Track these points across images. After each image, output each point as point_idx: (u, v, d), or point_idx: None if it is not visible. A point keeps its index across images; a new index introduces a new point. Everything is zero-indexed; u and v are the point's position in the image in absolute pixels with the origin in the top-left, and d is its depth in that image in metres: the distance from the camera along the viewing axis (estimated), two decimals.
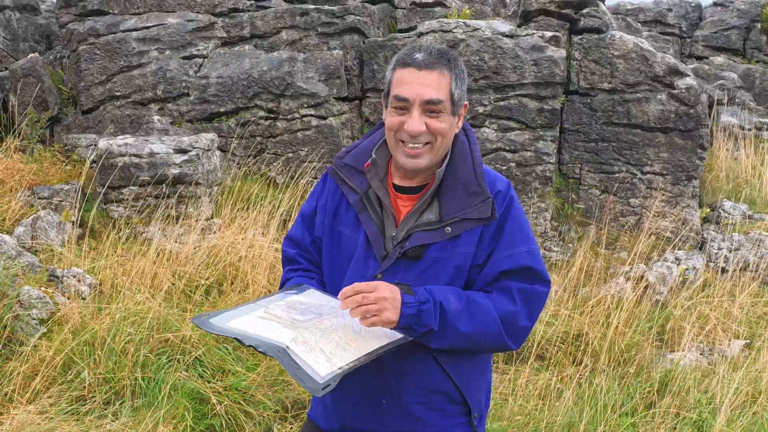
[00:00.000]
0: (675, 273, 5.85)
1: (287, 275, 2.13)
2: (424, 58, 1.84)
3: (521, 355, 4.74)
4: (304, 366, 1.64)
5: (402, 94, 1.84)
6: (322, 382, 1.61)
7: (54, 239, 5.18)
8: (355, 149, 2.05)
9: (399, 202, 1.97)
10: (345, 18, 7.25)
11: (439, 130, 1.86)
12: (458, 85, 1.88)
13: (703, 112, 6.84)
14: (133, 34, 7.09)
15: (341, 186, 2.02)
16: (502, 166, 6.73)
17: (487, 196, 1.89)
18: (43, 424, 3.38)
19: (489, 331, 1.86)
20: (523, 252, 1.90)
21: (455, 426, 2.00)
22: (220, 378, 3.93)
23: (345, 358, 1.70)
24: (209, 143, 6.05)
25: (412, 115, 1.84)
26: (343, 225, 2.00)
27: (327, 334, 1.76)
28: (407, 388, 1.94)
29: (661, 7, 11.72)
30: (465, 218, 1.88)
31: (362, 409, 2.00)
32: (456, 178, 1.92)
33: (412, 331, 1.81)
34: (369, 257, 1.94)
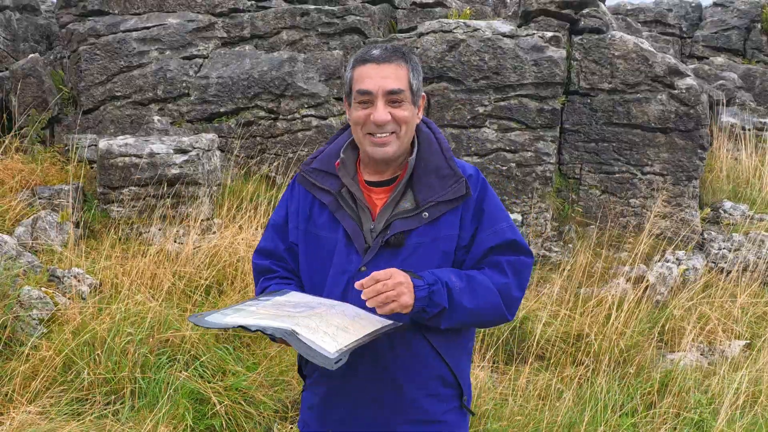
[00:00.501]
0: (675, 273, 5.84)
1: (264, 284, 2.15)
2: (381, 53, 1.97)
3: (521, 355, 4.73)
4: (313, 345, 1.69)
5: (365, 88, 1.94)
6: (334, 357, 1.67)
7: (54, 239, 5.18)
8: (320, 155, 2.13)
9: (373, 196, 2.04)
10: (345, 18, 7.25)
11: (403, 118, 1.96)
12: (415, 76, 1.99)
13: (704, 112, 6.84)
14: (134, 35, 7.09)
15: (312, 190, 2.08)
16: (503, 166, 6.73)
17: (460, 176, 1.99)
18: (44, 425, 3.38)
19: (490, 304, 1.95)
20: (505, 227, 2.02)
21: (449, 411, 2.07)
22: (220, 378, 3.92)
23: (348, 338, 1.76)
24: (209, 143, 6.05)
25: (376, 107, 1.93)
26: (319, 227, 2.06)
27: (325, 319, 1.82)
28: (407, 375, 2.00)
29: (662, 7, 11.72)
30: (440, 201, 1.97)
31: (361, 405, 2.02)
32: (426, 165, 2.01)
33: (424, 313, 1.87)
34: (350, 252, 1.99)
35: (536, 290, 5.54)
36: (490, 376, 4.41)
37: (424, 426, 2.04)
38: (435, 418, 2.04)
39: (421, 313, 1.87)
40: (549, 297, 5.32)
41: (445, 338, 2.01)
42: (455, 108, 6.82)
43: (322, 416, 2.11)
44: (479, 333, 4.84)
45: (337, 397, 2.06)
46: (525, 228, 6.61)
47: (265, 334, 1.75)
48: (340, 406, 2.06)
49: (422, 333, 1.98)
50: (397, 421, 2.02)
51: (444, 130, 6.85)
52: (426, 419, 2.04)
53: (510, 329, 4.87)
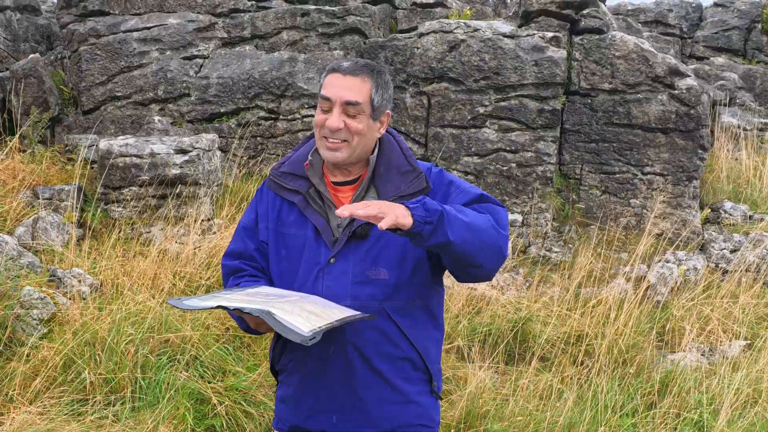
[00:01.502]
0: (676, 273, 5.85)
1: (234, 281, 2.23)
2: (350, 65, 2.10)
3: (522, 355, 4.74)
4: (289, 325, 1.76)
5: (326, 94, 2.08)
6: (308, 335, 1.74)
7: (55, 239, 5.18)
8: (288, 160, 2.25)
9: (339, 195, 2.16)
10: (346, 18, 7.25)
11: (355, 129, 2.07)
12: (379, 93, 2.10)
13: (704, 112, 6.84)
14: (134, 35, 7.09)
15: (280, 192, 2.20)
16: (503, 167, 6.73)
17: (419, 172, 2.14)
18: (44, 425, 3.38)
19: (482, 223, 1.98)
20: (468, 187, 2.15)
21: (421, 393, 2.16)
22: (221, 378, 3.93)
23: (320, 322, 1.83)
24: (210, 143, 6.05)
25: (333, 114, 2.06)
26: (287, 225, 2.17)
27: (298, 305, 1.90)
28: (379, 355, 2.08)
29: (662, 7, 11.71)
30: (402, 195, 2.08)
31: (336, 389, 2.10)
32: (388, 164, 2.15)
33: (428, 225, 1.84)
34: (320, 245, 2.11)
35: (537, 290, 5.54)
36: (491, 377, 4.42)
37: (400, 406, 2.12)
38: (409, 398, 2.13)
39: (425, 225, 1.83)
40: (550, 297, 5.32)
41: (413, 321, 2.11)
42: (455, 108, 6.82)
43: (296, 406, 2.17)
44: (480, 332, 4.84)
45: (310, 383, 2.12)
46: (525, 228, 6.61)
47: (243, 313, 1.82)
48: (314, 393, 2.12)
49: (389, 316, 2.08)
50: (370, 401, 2.09)
51: (444, 131, 6.86)
52: (401, 400, 2.12)
53: (511, 329, 4.87)
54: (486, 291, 5.49)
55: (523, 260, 6.28)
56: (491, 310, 5.15)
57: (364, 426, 2.11)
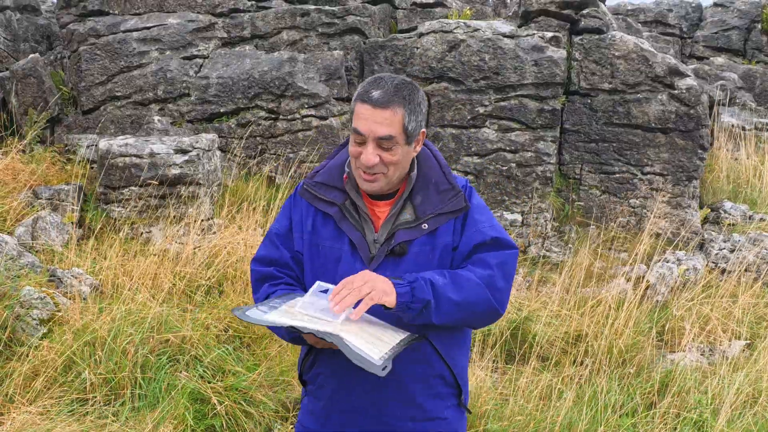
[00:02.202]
0: (675, 273, 5.85)
1: (269, 289, 2.18)
2: (380, 96, 2.01)
3: (522, 355, 4.74)
4: (360, 352, 1.76)
5: (359, 129, 2.02)
6: (380, 364, 1.74)
7: (55, 239, 5.18)
8: (323, 169, 2.22)
9: (376, 209, 2.14)
10: (345, 18, 7.25)
11: (391, 161, 2.04)
12: (412, 119, 2.04)
13: (704, 112, 6.84)
14: (134, 35, 7.09)
15: (314, 203, 2.16)
16: (503, 167, 6.74)
17: (458, 190, 2.12)
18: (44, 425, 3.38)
19: (478, 295, 2.01)
20: (487, 226, 2.12)
21: (448, 407, 2.15)
22: (221, 378, 3.93)
23: (386, 347, 1.84)
24: (210, 143, 6.05)
25: (367, 149, 2.02)
26: (323, 238, 2.14)
27: (357, 325, 1.89)
28: (410, 374, 2.08)
29: (662, 7, 11.71)
30: (440, 213, 2.08)
31: (363, 405, 2.08)
32: (426, 181, 2.13)
33: (411, 310, 1.94)
34: (356, 261, 2.08)
35: (536, 290, 5.54)
36: (490, 377, 4.42)
37: (426, 423, 2.12)
38: (435, 415, 2.12)
39: (407, 310, 1.93)
40: (549, 297, 5.32)
41: (445, 338, 2.10)
42: (455, 108, 6.82)
43: (324, 422, 2.16)
44: (479, 332, 4.84)
45: (340, 400, 2.11)
46: (525, 228, 6.61)
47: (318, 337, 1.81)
48: (343, 408, 2.11)
49: (425, 336, 2.05)
50: (399, 418, 2.09)
51: (444, 131, 6.86)
52: (427, 417, 2.11)
53: (510, 329, 4.87)
54: None
55: (523, 260, 6.29)
56: None
57: None
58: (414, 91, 2.06)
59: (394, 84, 2.04)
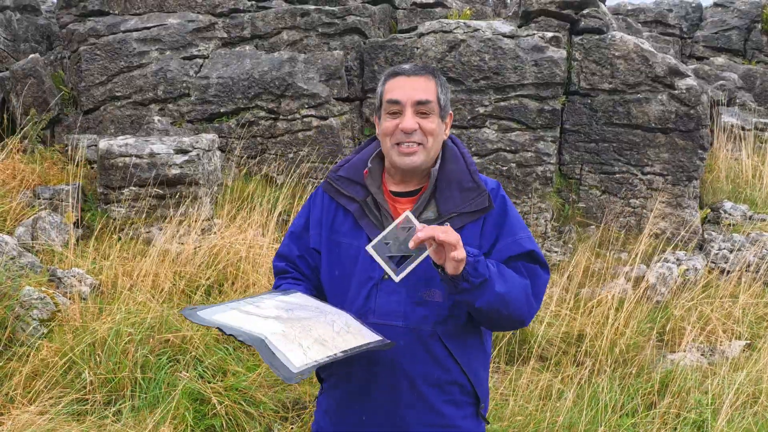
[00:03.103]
0: (675, 273, 5.85)
1: (278, 282, 2.23)
2: (411, 67, 2.06)
3: (522, 355, 4.74)
4: (280, 356, 1.70)
5: (395, 97, 2.01)
6: (296, 372, 1.67)
7: (55, 239, 5.18)
8: (347, 163, 2.19)
9: (397, 206, 2.09)
10: (345, 18, 7.25)
11: (430, 129, 2.02)
12: (443, 92, 2.07)
13: (704, 112, 6.84)
14: (134, 35, 7.09)
15: (337, 197, 2.13)
16: (503, 167, 6.73)
17: (483, 189, 2.06)
18: (44, 425, 3.38)
19: (518, 295, 1.97)
20: (524, 237, 2.07)
21: (466, 417, 2.09)
22: (221, 378, 3.93)
23: (321, 353, 1.76)
24: (210, 143, 6.05)
25: (405, 115, 2.00)
26: (341, 234, 2.11)
27: (307, 330, 1.82)
28: (427, 381, 2.03)
29: (662, 7, 11.71)
30: (463, 212, 2.02)
31: (378, 409, 2.05)
32: (450, 178, 2.07)
33: (466, 282, 1.86)
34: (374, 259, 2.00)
35: None
36: (490, 377, 4.42)
37: (440, 429, 2.06)
38: (451, 423, 2.07)
39: (463, 282, 1.85)
40: (549, 297, 5.32)
41: (464, 346, 2.06)
42: (455, 108, 6.82)
43: (338, 419, 2.13)
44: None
45: (354, 401, 2.08)
46: None
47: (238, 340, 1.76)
48: (357, 410, 2.08)
49: (441, 340, 2.02)
50: (414, 424, 2.04)
51: None
52: (442, 423, 2.06)
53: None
54: None
55: None
56: None
57: None
58: (439, 71, 2.11)
59: (421, 63, 2.10)
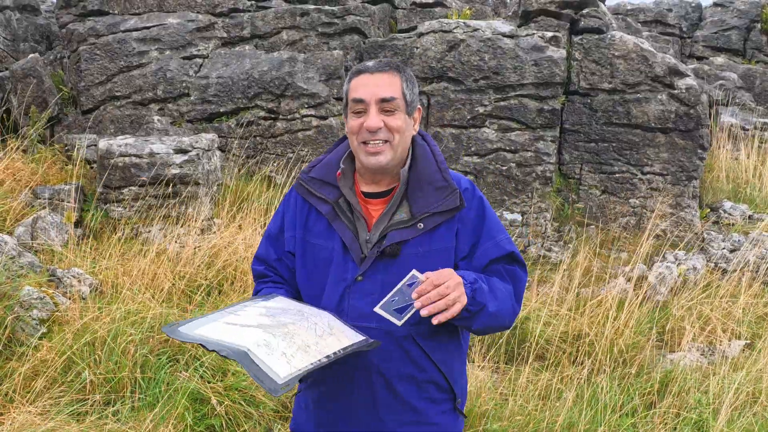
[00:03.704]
0: (675, 273, 5.85)
1: (258, 287, 2.22)
2: (375, 64, 2.02)
3: (521, 355, 4.74)
4: (264, 368, 1.68)
5: (358, 96, 1.98)
6: (281, 383, 1.65)
7: (54, 239, 5.18)
8: (319, 164, 2.16)
9: (369, 207, 2.07)
10: (345, 18, 7.25)
11: (395, 126, 1.99)
12: (409, 87, 2.03)
13: (704, 112, 6.84)
14: (134, 35, 7.09)
15: (309, 198, 2.11)
16: (503, 166, 6.73)
17: (454, 188, 2.03)
18: (44, 425, 3.38)
19: (506, 308, 2.00)
20: (504, 239, 2.08)
21: (444, 412, 2.10)
22: (220, 378, 3.92)
23: (305, 360, 1.75)
24: (209, 143, 6.05)
25: (369, 114, 1.97)
26: (315, 236, 2.09)
27: (289, 337, 1.80)
28: (402, 380, 2.02)
29: (662, 7, 11.72)
30: (435, 212, 2.00)
31: (355, 408, 2.04)
32: (421, 178, 2.05)
33: (466, 312, 1.87)
34: (347, 261, 2.02)
35: (536, 290, 5.54)
36: (490, 376, 4.42)
37: (418, 427, 2.06)
38: (429, 419, 2.07)
39: (462, 312, 1.86)
40: (549, 297, 5.32)
41: (438, 345, 2.04)
42: (455, 108, 6.82)
43: (316, 417, 2.12)
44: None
45: (331, 401, 2.07)
46: (525, 228, 6.61)
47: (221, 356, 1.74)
48: (334, 409, 2.08)
49: (415, 340, 2.00)
50: (391, 422, 2.04)
51: (444, 130, 6.86)
52: (419, 420, 2.06)
53: (510, 329, 4.87)
54: None
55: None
56: None
57: None
58: (405, 66, 2.08)
59: (386, 59, 2.08)
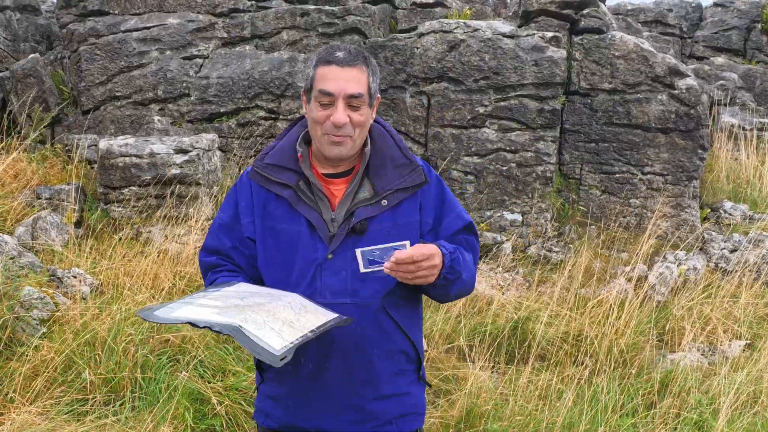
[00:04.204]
0: (675, 273, 5.85)
1: (212, 277, 2.19)
2: (345, 56, 2.03)
3: (522, 355, 4.74)
4: (259, 341, 1.71)
5: (327, 89, 2.00)
6: (279, 354, 1.69)
7: (55, 239, 5.18)
8: (273, 150, 2.17)
9: (331, 187, 2.11)
10: (345, 18, 7.25)
11: (360, 122, 2.04)
12: (374, 80, 2.08)
13: (704, 112, 6.84)
14: (134, 35, 7.09)
15: (266, 185, 2.11)
16: (503, 167, 6.73)
17: (416, 165, 2.11)
18: (44, 425, 3.38)
19: (472, 275, 2.13)
20: (462, 210, 2.22)
21: (412, 383, 2.19)
22: (221, 378, 3.93)
23: (294, 334, 1.78)
24: (210, 143, 6.05)
25: (337, 108, 2.00)
26: (277, 220, 2.10)
27: (272, 314, 1.83)
28: (378, 352, 2.09)
29: (662, 7, 11.71)
30: (399, 188, 2.08)
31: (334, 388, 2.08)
32: (382, 156, 2.11)
33: (443, 280, 1.98)
34: (315, 241, 2.06)
35: (536, 290, 5.54)
36: (490, 376, 4.42)
37: (396, 399, 2.14)
38: (401, 390, 2.15)
39: (440, 280, 1.97)
40: (549, 297, 5.32)
41: (406, 314, 2.13)
42: (455, 108, 6.82)
43: (291, 405, 2.13)
44: (480, 332, 4.84)
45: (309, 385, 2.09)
46: (525, 228, 6.61)
47: (212, 331, 1.76)
48: (312, 393, 2.09)
49: (387, 312, 2.08)
50: (370, 399, 2.10)
51: (444, 130, 6.86)
52: (396, 393, 2.14)
53: (510, 329, 4.87)
54: (486, 291, 5.49)
55: (523, 260, 6.28)
56: (491, 310, 5.15)
57: (361, 422, 2.11)
58: (370, 55, 2.11)
59: (353, 48, 2.08)
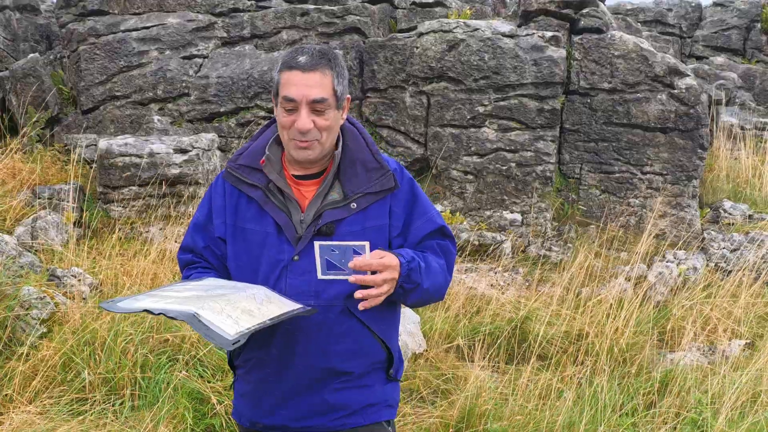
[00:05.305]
0: (675, 273, 5.84)
1: (187, 273, 2.23)
2: (307, 60, 2.01)
3: (522, 355, 4.74)
4: (214, 327, 1.73)
5: (290, 95, 2.00)
6: (232, 339, 1.71)
7: (54, 239, 5.18)
8: (246, 151, 2.19)
9: (301, 189, 2.11)
10: (345, 18, 7.25)
11: (325, 126, 2.02)
12: (340, 82, 2.05)
13: (703, 112, 6.84)
14: (133, 34, 7.09)
15: (238, 185, 2.13)
16: (503, 166, 6.73)
17: (387, 169, 2.10)
18: (43, 424, 3.38)
19: (440, 283, 2.11)
20: (435, 214, 2.18)
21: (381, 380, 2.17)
22: (220, 378, 3.92)
23: (251, 321, 1.80)
24: (209, 143, 6.05)
25: (300, 114, 2.00)
26: (246, 221, 2.11)
27: (231, 303, 1.85)
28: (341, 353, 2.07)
29: (661, 7, 11.72)
30: (367, 192, 2.07)
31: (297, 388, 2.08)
32: (353, 159, 2.10)
33: (400, 289, 1.99)
34: (282, 242, 2.06)
35: (536, 290, 5.54)
36: (490, 376, 4.42)
37: (360, 390, 2.12)
38: (368, 384, 2.14)
39: (397, 289, 1.98)
40: (549, 297, 5.32)
41: (376, 314, 2.09)
42: (455, 108, 6.82)
43: (256, 403, 2.14)
44: (480, 331, 4.84)
45: (272, 383, 2.10)
46: (525, 228, 6.61)
47: (168, 317, 1.78)
48: (275, 392, 2.10)
49: (351, 312, 2.05)
50: (333, 395, 2.09)
51: (444, 130, 6.85)
52: (360, 385, 2.12)
53: (511, 329, 4.87)
54: (486, 290, 5.49)
55: (523, 260, 6.28)
56: (491, 309, 5.15)
57: (324, 417, 2.10)
58: (337, 56, 2.09)
59: (317, 50, 2.05)
